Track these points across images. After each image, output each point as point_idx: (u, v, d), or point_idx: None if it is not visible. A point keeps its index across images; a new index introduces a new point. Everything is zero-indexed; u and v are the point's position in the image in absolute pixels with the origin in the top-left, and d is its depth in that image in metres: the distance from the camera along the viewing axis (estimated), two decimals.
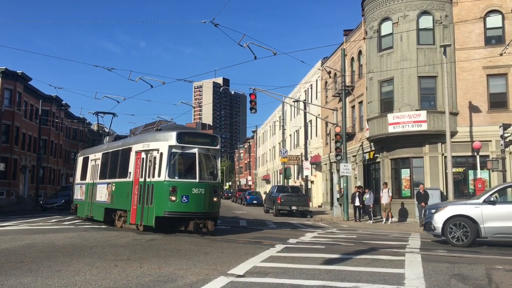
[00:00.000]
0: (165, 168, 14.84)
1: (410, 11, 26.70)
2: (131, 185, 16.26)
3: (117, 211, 17.71)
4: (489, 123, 25.31)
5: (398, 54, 26.88)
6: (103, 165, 20.02)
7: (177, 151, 15.09)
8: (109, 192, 18.31)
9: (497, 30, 26.07)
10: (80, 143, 68.82)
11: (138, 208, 15.64)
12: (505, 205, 13.52)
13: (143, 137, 16.66)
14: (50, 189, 56.59)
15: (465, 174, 25.67)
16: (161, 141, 15.36)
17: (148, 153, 15.69)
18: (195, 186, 14.94)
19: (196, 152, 15.27)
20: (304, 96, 49.86)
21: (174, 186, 14.69)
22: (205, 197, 15.11)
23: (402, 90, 26.46)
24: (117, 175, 17.91)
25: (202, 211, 15.07)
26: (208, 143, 15.82)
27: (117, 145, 19.02)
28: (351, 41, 33.80)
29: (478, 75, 25.96)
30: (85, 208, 21.29)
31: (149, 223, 15.00)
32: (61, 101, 57.54)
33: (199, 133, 16.87)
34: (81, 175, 22.94)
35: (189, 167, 15.46)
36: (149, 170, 15.50)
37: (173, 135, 15.18)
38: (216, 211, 15.85)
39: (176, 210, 14.71)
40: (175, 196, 14.61)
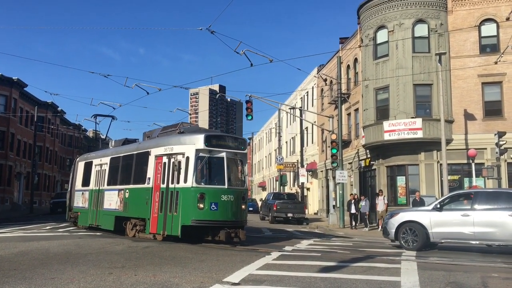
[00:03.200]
0: (192, 174, 13.91)
1: (405, 19, 26.87)
2: (150, 192, 15.29)
3: (131, 219, 16.68)
4: (484, 131, 25.42)
5: (394, 62, 27.00)
6: (112, 170, 18.95)
7: (205, 155, 14.16)
8: (121, 199, 17.34)
9: (491, 39, 26.26)
10: (75, 149, 68.56)
11: (160, 217, 14.65)
12: (450, 212, 14.04)
13: (164, 140, 15.67)
14: (45, 195, 56.33)
15: (460, 182, 25.73)
16: (187, 145, 14.42)
17: (172, 157, 14.75)
18: (224, 192, 14.09)
19: (224, 156, 14.39)
20: (300, 103, 49.96)
21: (202, 193, 13.80)
22: (234, 205, 14.33)
23: (398, 97, 26.55)
24: (131, 181, 16.94)
25: (232, 219, 14.27)
26: (236, 146, 15.00)
27: (130, 148, 18.01)
28: (347, 48, 33.95)
29: (473, 83, 26.10)
30: (89, 217, 20.10)
31: (174, 232, 14.06)
32: (56, 107, 57.40)
33: (228, 136, 15.91)
34: (83, 181, 21.74)
35: (217, 172, 14.53)
36: (172, 175, 14.55)
37: (201, 138, 14.28)
38: (244, 220, 15.11)
39: (204, 218, 13.80)
40: (203, 203, 13.73)
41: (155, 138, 17.12)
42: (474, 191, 15.73)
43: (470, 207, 13.68)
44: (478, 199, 13.81)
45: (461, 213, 13.69)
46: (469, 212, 13.51)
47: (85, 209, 20.74)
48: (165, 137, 16.10)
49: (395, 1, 27.22)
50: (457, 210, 13.97)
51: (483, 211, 13.42)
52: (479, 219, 13.26)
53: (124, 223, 17.25)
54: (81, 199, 21.48)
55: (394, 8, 27.25)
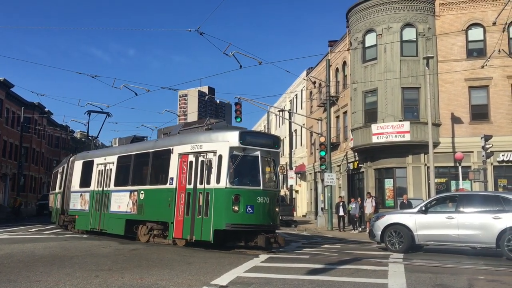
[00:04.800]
0: (226, 173, 12.93)
1: (393, 23, 27.07)
2: (173, 193, 14.15)
3: (146, 223, 15.58)
4: (470, 134, 25.67)
5: (382, 65, 27.18)
6: (121, 170, 17.73)
7: (239, 154, 13.18)
8: (133, 201, 16.13)
9: (478, 43, 26.56)
10: (62, 151, 67.95)
11: (186, 220, 13.55)
12: (435, 215, 14.18)
13: (191, 137, 14.48)
14: (32, 197, 55.72)
15: (447, 185, 25.96)
16: (219, 142, 13.40)
17: (200, 155, 13.68)
18: (260, 194, 13.18)
19: (259, 155, 13.51)
20: (289, 105, 50.05)
21: (237, 194, 12.82)
22: (270, 207, 13.45)
23: (386, 101, 26.72)
24: (147, 181, 15.80)
25: (269, 223, 13.45)
26: (270, 145, 14.12)
27: (145, 146, 16.83)
28: (336, 52, 34.10)
29: (460, 86, 26.37)
30: (90, 220, 18.68)
31: (204, 237, 12.99)
32: (43, 108, 56.88)
33: (262, 133, 14.99)
34: (82, 181, 20.21)
35: (252, 172, 13.61)
36: (201, 175, 13.50)
37: (235, 135, 13.30)
38: (278, 224, 14.42)
39: (240, 222, 12.82)
40: (238, 205, 12.77)
41: (176, 135, 15.80)
42: (459, 193, 15.88)
43: (455, 210, 13.81)
44: (463, 201, 13.94)
45: (446, 215, 13.80)
46: (454, 215, 13.63)
47: (85, 212, 19.32)
48: (191, 134, 14.91)
49: (383, 5, 27.43)
50: (442, 212, 14.09)
51: (468, 213, 13.55)
52: (463, 221, 13.39)
53: (135, 227, 16.20)
54: (80, 201, 20.02)
55: (383, 12, 27.44)
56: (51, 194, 28.55)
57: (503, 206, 13.10)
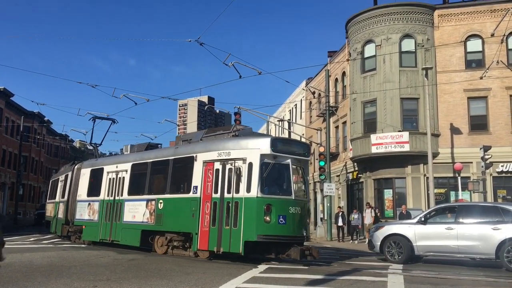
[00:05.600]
0: (257, 182, 12.37)
1: (392, 34, 27.22)
2: (197, 202, 13.52)
3: (166, 234, 14.91)
4: (470, 144, 25.71)
5: (381, 76, 27.29)
6: (135, 178, 17.08)
7: (270, 161, 12.68)
8: (151, 211, 15.46)
9: (477, 54, 26.70)
10: (61, 160, 67.92)
11: (213, 231, 12.93)
12: (434, 225, 14.13)
13: (218, 144, 13.90)
14: (30, 206, 55.59)
15: (447, 195, 25.94)
16: (249, 149, 12.88)
17: (228, 163, 13.13)
18: (292, 204, 12.71)
19: (290, 163, 13.04)
20: (289, 115, 50.13)
21: (268, 204, 12.30)
22: (301, 218, 13.02)
23: (385, 111, 26.79)
24: (167, 190, 15.16)
25: (302, 234, 13.01)
26: (301, 152, 13.67)
27: (164, 154, 16.19)
28: (335, 62, 34.25)
29: (459, 97, 26.46)
30: (100, 231, 17.90)
31: (233, 249, 12.37)
32: (43, 117, 56.93)
33: (294, 140, 14.55)
34: (90, 190, 19.45)
35: (282, 181, 13.24)
36: (229, 183, 12.95)
37: (267, 141, 12.86)
38: (309, 235, 13.91)
39: (272, 233, 12.26)
40: (269, 216, 12.22)
41: (199, 142, 15.11)
42: (458, 204, 15.86)
43: (454, 221, 13.78)
44: (462, 212, 13.92)
45: (445, 226, 13.77)
46: (453, 226, 13.60)
47: (94, 222, 18.50)
48: (217, 141, 14.28)
49: (382, 16, 27.61)
50: (442, 223, 14.06)
51: (467, 224, 13.52)
52: (463, 232, 13.36)
53: (150, 238, 15.55)
54: (87, 211, 19.12)
55: (382, 23, 27.62)
56: (49, 203, 27.88)
57: (502, 217, 13.08)
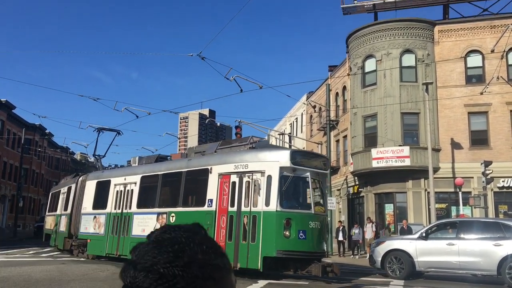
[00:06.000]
0: (276, 195, 12.01)
1: (393, 49, 27.36)
2: (212, 216, 13.11)
3: None
4: (470, 159, 25.67)
5: (382, 91, 27.37)
6: (145, 190, 16.78)
7: (289, 175, 12.37)
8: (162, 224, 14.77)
9: (477, 70, 26.80)
10: (62, 172, 67.87)
11: (229, 246, 12.52)
12: (435, 241, 14.12)
13: (233, 156, 13.60)
14: (30, 219, 55.41)
15: (448, 210, 25.82)
16: (268, 161, 12.55)
17: (245, 175, 12.79)
18: (312, 218, 12.41)
19: (309, 176, 12.73)
20: (289, 129, 50.19)
21: (288, 218, 11.94)
22: (321, 233, 12.76)
23: (386, 125, 26.82)
24: (179, 203, 14.81)
25: (322, 250, 12.78)
26: (319, 166, 13.44)
27: (176, 166, 15.87)
28: (336, 76, 34.39)
29: (459, 112, 26.49)
30: (107, 245, 17.43)
31: (251, 265, 11.98)
32: (44, 130, 57.02)
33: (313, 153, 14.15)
34: (95, 203, 19.07)
35: (302, 194, 13.14)
36: (246, 197, 12.64)
37: (286, 154, 12.65)
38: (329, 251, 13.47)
39: (292, 248, 11.92)
40: (289, 231, 11.86)
41: (214, 154, 14.76)
42: (459, 220, 15.80)
43: (456, 236, 13.73)
44: (464, 228, 13.87)
45: (447, 242, 13.72)
46: (455, 241, 13.54)
47: (99, 236, 18.00)
48: (234, 153, 13.96)
49: (383, 32, 27.79)
50: (443, 239, 14.00)
51: (469, 240, 13.46)
52: (464, 248, 13.30)
53: None
54: (93, 224, 18.65)
55: (382, 38, 27.78)
56: (49, 215, 27.47)
57: (504, 233, 13.02)
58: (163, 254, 0.94)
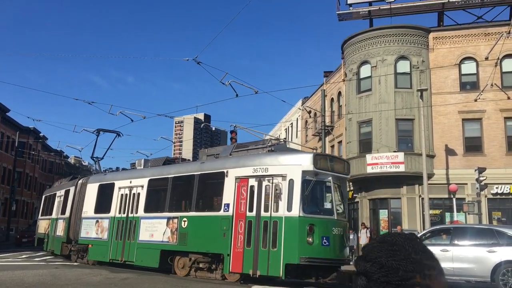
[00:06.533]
0: (299, 200, 11.65)
1: (388, 55, 27.49)
2: (230, 221, 12.67)
3: (190, 255, 13.93)
4: (464, 166, 25.77)
5: (377, 97, 27.47)
6: (153, 194, 16.35)
7: (311, 179, 11.98)
8: (172, 230, 14.44)
9: (471, 77, 26.95)
10: (56, 176, 67.55)
11: (247, 252, 12.07)
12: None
13: (251, 159, 13.15)
14: (23, 223, 55.04)
15: (442, 216, 25.89)
16: (289, 165, 12.18)
17: (265, 179, 12.39)
18: (335, 224, 12.09)
19: (331, 181, 12.46)
20: (285, 134, 50.24)
21: (311, 224, 11.59)
22: (343, 239, 12.48)
23: (380, 131, 26.90)
24: (192, 207, 14.31)
25: (345, 257, 12.53)
26: (341, 170, 13.09)
27: (188, 169, 15.32)
28: (331, 82, 34.49)
29: (454, 119, 26.62)
30: (110, 250, 16.87)
31: (272, 272, 11.56)
32: (38, 133, 56.80)
33: (334, 156, 13.98)
34: (97, 206, 18.49)
35: (324, 199, 12.83)
36: (266, 201, 12.26)
37: (309, 157, 12.29)
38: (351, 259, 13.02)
39: (316, 255, 11.54)
40: (312, 237, 11.52)
41: (229, 157, 14.27)
42: (453, 226, 15.85)
43: (450, 243, 13.76)
44: (458, 234, 13.90)
45: (441, 248, 13.73)
46: (449, 248, 13.57)
47: (102, 241, 17.40)
48: (252, 156, 13.51)
49: (378, 38, 27.92)
50: (437, 245, 14.01)
51: (462, 246, 13.49)
52: (458, 254, 13.32)
53: (170, 258, 14.59)
54: (95, 229, 18.02)
55: (377, 45, 27.91)
56: (43, 219, 26.59)
57: (498, 240, 13.07)
58: (384, 250, 1.27)
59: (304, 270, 11.89)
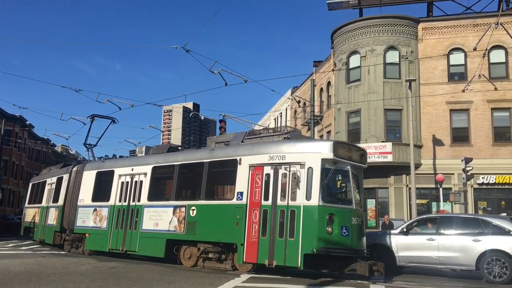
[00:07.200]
0: (318, 189, 11.43)
1: (377, 45, 27.53)
2: (243, 210, 12.42)
3: (198, 244, 13.63)
4: (451, 156, 26.04)
5: (366, 87, 27.55)
6: (158, 182, 16.02)
7: (330, 167, 11.75)
8: (179, 219, 14.06)
9: (459, 67, 27.15)
10: (43, 164, 66.95)
11: (263, 242, 11.87)
12: (416, 236, 14.26)
13: (267, 147, 12.82)
14: (9, 211, 54.56)
15: (428, 206, 26.20)
16: (308, 153, 11.92)
17: (281, 167, 12.13)
18: (354, 214, 11.93)
19: (349, 170, 12.27)
20: (274, 124, 50.23)
21: (331, 214, 11.41)
22: (362, 230, 12.25)
23: (369, 121, 27.02)
24: (201, 196, 13.83)
25: (364, 248, 12.26)
26: (359, 159, 12.88)
27: (196, 156, 14.77)
28: (321, 72, 34.49)
29: (441, 109, 26.82)
30: (110, 239, 16.35)
31: (290, 262, 11.36)
32: (25, 121, 56.11)
33: (353, 145, 13.55)
34: (95, 194, 17.88)
35: (343, 189, 12.61)
36: (283, 190, 11.97)
37: (328, 145, 11.98)
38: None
39: (336, 246, 11.37)
40: (332, 227, 11.34)
41: (241, 144, 13.90)
42: (439, 215, 16.02)
43: (436, 232, 13.92)
44: (444, 224, 14.07)
45: (427, 237, 13.91)
46: (435, 237, 13.74)
47: (101, 230, 16.86)
48: (268, 143, 13.11)
49: (367, 28, 27.93)
50: (423, 234, 14.19)
51: (448, 236, 13.66)
52: (444, 243, 13.50)
53: (175, 248, 14.27)
54: (92, 217, 17.47)
55: (367, 35, 27.92)
56: (30, 207, 25.68)
57: (483, 229, 13.25)
58: None
59: (320, 261, 11.73)
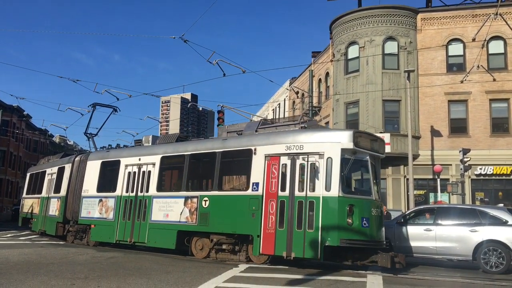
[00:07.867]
0: (338, 179, 11.18)
1: (376, 36, 27.44)
2: (259, 201, 12.17)
3: (211, 236, 13.44)
4: (449, 147, 26.09)
5: (364, 78, 27.50)
6: (167, 172, 15.82)
7: (350, 157, 11.48)
8: (191, 210, 13.81)
9: (458, 58, 27.09)
10: (40, 155, 66.86)
11: (280, 233, 11.64)
12: (414, 226, 14.33)
13: (284, 136, 12.50)
14: (7, 202, 54.62)
15: (426, 197, 26.29)
16: (327, 142, 11.61)
17: (299, 157, 11.83)
18: (373, 205, 11.72)
19: (369, 160, 12.02)
20: (272, 115, 50.21)
21: (351, 205, 11.17)
22: (381, 221, 12.00)
23: (367, 112, 27.01)
24: (214, 186, 13.58)
25: (383, 239, 12.04)
26: (377, 149, 12.59)
27: (207, 146, 14.46)
28: (319, 62, 34.40)
29: (439, 100, 26.82)
30: (117, 231, 16.03)
31: (309, 254, 11.16)
32: (22, 111, 55.95)
33: (372, 134, 13.30)
34: (100, 185, 17.58)
35: (362, 179, 12.35)
36: (300, 180, 11.70)
37: (348, 135, 11.69)
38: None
39: (356, 237, 11.12)
40: (352, 218, 11.11)
41: (255, 134, 13.62)
42: (437, 206, 16.08)
43: (433, 222, 13.99)
44: (441, 214, 14.13)
45: (424, 227, 13.99)
46: (432, 227, 13.82)
47: (107, 221, 16.55)
48: (285, 133, 12.79)
49: (366, 18, 27.81)
50: (421, 224, 14.26)
51: (445, 226, 13.74)
52: (441, 234, 13.58)
53: (186, 239, 14.11)
54: (98, 208, 17.17)
55: (366, 25, 27.82)
56: (29, 198, 25.24)
57: (480, 219, 13.33)
58: None
59: (340, 252, 11.50)
